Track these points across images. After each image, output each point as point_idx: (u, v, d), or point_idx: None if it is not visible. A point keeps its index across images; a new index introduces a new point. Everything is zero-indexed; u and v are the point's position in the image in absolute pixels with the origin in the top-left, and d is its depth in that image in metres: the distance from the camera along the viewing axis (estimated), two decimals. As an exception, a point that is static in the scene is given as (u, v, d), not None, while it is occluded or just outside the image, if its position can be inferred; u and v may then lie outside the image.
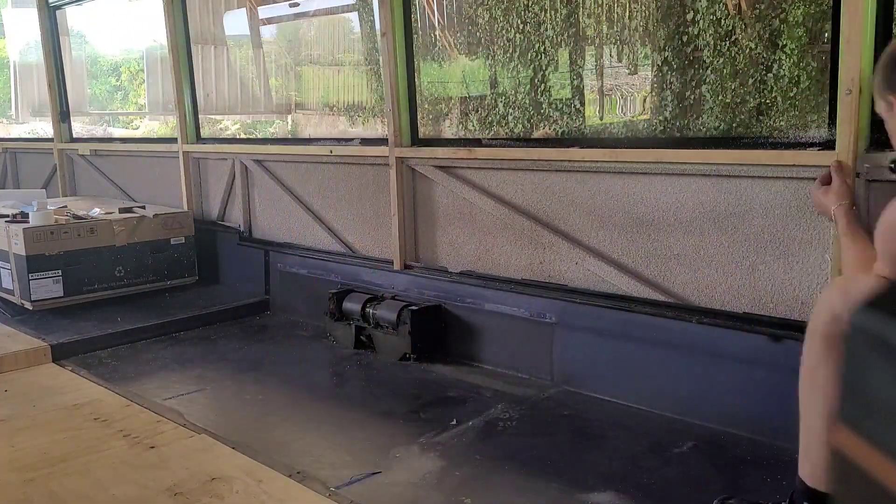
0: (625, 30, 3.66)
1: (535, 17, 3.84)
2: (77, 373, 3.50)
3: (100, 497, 2.31)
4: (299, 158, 4.43)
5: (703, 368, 2.79)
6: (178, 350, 3.87)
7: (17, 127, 8.81)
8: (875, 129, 2.38)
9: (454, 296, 3.59)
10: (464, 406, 3.01)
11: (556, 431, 2.78)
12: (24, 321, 4.16)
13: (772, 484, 2.32)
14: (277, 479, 2.36)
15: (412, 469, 2.49)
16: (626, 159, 2.99)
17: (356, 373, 3.50)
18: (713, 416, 2.72)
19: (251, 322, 4.37)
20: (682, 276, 2.91)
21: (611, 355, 3.04)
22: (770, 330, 2.63)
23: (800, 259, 2.60)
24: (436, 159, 3.67)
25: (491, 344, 3.46)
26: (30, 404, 3.10)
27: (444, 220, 3.72)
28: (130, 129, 8.09)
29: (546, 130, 3.92)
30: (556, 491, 2.33)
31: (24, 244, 4.17)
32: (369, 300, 3.73)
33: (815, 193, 2.33)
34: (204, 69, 6.53)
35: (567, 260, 3.24)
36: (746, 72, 3.16)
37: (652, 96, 3.60)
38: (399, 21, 3.67)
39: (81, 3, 6.33)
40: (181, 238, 4.78)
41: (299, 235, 4.51)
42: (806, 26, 3.01)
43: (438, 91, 4.43)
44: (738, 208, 2.73)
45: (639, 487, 2.33)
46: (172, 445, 2.65)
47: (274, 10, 6.26)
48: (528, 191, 3.36)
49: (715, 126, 3.29)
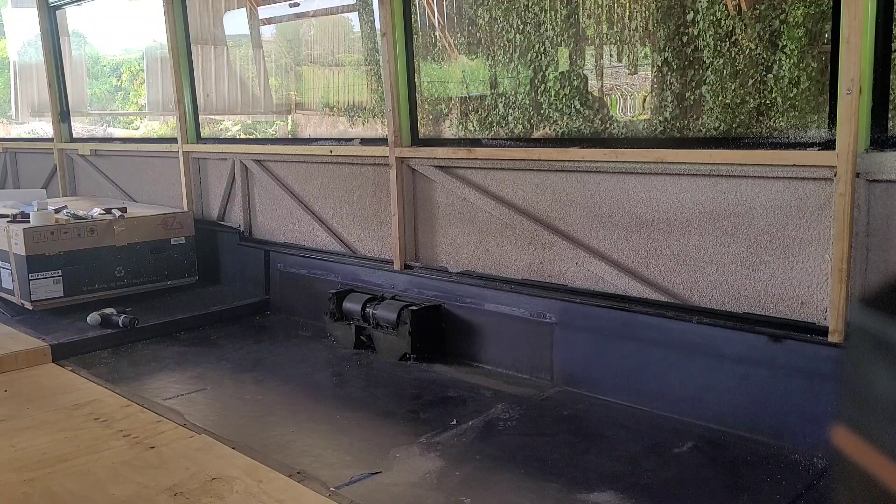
0: (625, 30, 3.66)
1: (535, 17, 3.84)
2: (77, 373, 3.50)
3: (100, 497, 2.31)
4: (299, 158, 4.43)
5: (703, 368, 2.79)
6: (178, 350, 3.87)
7: (17, 127, 8.81)
8: (875, 129, 2.38)
9: (454, 296, 3.59)
10: (464, 406, 3.01)
11: (556, 431, 2.78)
12: (24, 321, 4.16)
13: (772, 484, 2.32)
14: (277, 479, 2.36)
15: (412, 469, 2.49)
16: (626, 159, 2.99)
17: (356, 373, 3.50)
18: (713, 416, 2.72)
19: (251, 322, 4.37)
20: (682, 276, 2.91)
21: (611, 355, 3.04)
22: (770, 330, 2.62)
23: (800, 259, 2.60)
24: (436, 159, 3.67)
25: (491, 344, 3.46)
26: (30, 404, 3.10)
27: (444, 220, 3.72)
28: (131, 130, 8.09)
29: (546, 130, 3.92)
30: (556, 491, 2.33)
31: (25, 244, 4.17)
32: (369, 300, 3.73)
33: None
34: (204, 69, 6.52)
35: (567, 260, 3.23)
36: (746, 72, 3.16)
37: (652, 96, 3.60)
38: (399, 21, 3.67)
39: (81, 3, 6.33)
40: (181, 238, 4.78)
41: (299, 235, 4.51)
42: (806, 27, 3.01)
43: (438, 91, 4.43)
44: (738, 208, 2.73)
45: (639, 487, 2.33)
46: (172, 445, 2.64)
47: (274, 10, 6.27)
48: (528, 191, 3.36)
49: (715, 126, 3.29)
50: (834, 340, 2.47)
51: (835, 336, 2.47)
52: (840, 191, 2.39)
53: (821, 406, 2.44)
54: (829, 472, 2.30)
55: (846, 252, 2.41)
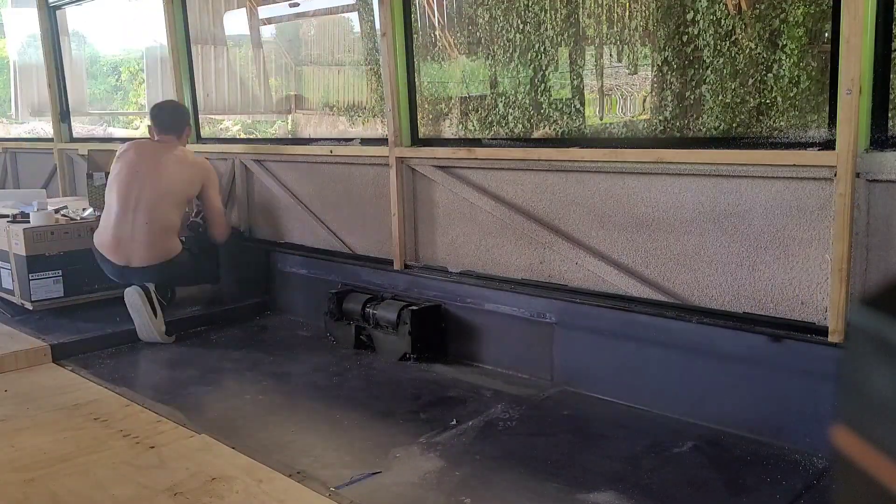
0: (625, 30, 3.66)
1: (535, 17, 3.84)
2: (77, 373, 3.50)
3: (100, 497, 2.31)
4: (299, 158, 4.43)
5: (703, 368, 2.79)
6: (177, 350, 3.87)
7: (16, 127, 8.80)
8: (875, 129, 2.38)
9: (454, 296, 3.59)
10: (464, 406, 3.01)
11: (556, 431, 2.78)
12: (24, 321, 4.16)
13: (772, 484, 2.32)
14: (277, 479, 2.36)
15: (412, 469, 2.49)
16: (626, 159, 2.99)
17: (356, 373, 3.50)
18: (713, 416, 2.72)
19: (251, 322, 4.36)
20: (682, 276, 2.91)
21: (611, 355, 3.04)
22: (770, 330, 2.62)
23: (800, 259, 2.60)
24: (436, 159, 3.67)
25: (491, 344, 3.46)
26: (30, 404, 3.10)
27: (443, 220, 3.72)
28: (130, 129, 8.09)
29: (546, 130, 3.92)
30: (556, 491, 2.33)
31: (25, 244, 4.17)
32: (369, 300, 3.73)
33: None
34: (204, 69, 6.51)
35: (567, 260, 3.23)
36: (746, 72, 3.16)
37: (652, 96, 3.60)
38: (399, 21, 3.67)
39: (81, 3, 6.33)
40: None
41: (299, 235, 4.51)
42: (806, 26, 3.01)
43: (438, 91, 4.43)
44: (738, 208, 2.73)
45: (639, 487, 2.33)
46: (172, 445, 2.64)
47: (274, 10, 6.26)
48: (528, 191, 3.36)
49: (715, 126, 3.29)
50: (834, 340, 2.47)
51: (835, 336, 2.47)
52: (840, 191, 2.39)
53: (821, 406, 2.44)
54: (829, 472, 2.30)
55: (846, 252, 2.41)
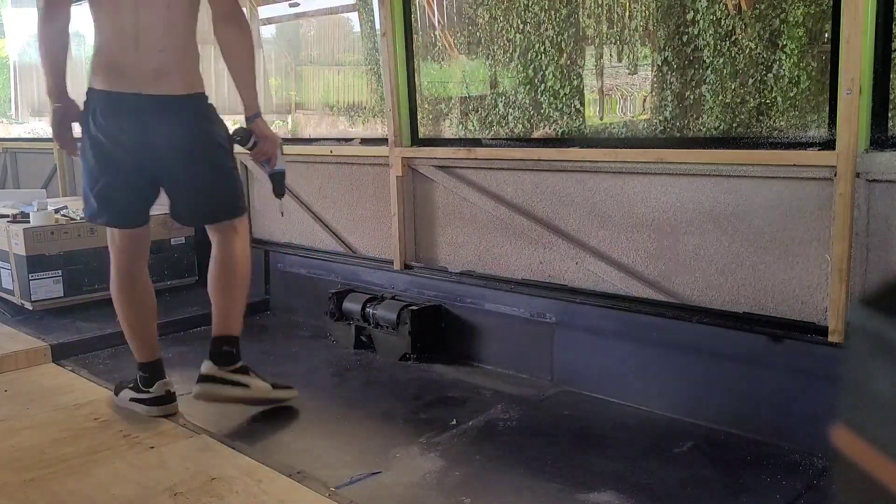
0: (625, 30, 3.66)
1: (535, 17, 3.84)
2: (77, 373, 3.50)
3: (100, 497, 2.31)
4: (299, 158, 4.43)
5: (703, 368, 2.79)
6: (177, 350, 3.87)
7: (16, 127, 8.80)
8: (875, 129, 2.38)
9: (454, 296, 3.59)
10: (464, 406, 3.01)
11: (556, 431, 2.78)
12: (24, 321, 4.16)
13: (772, 484, 2.32)
14: (277, 479, 2.36)
15: (412, 469, 2.49)
16: (626, 159, 2.99)
17: (356, 373, 3.50)
18: (713, 416, 2.72)
19: (251, 322, 4.34)
20: (682, 276, 2.91)
21: (611, 355, 3.04)
22: (770, 330, 2.62)
23: (800, 259, 2.60)
24: (436, 159, 3.67)
25: (491, 344, 3.46)
26: (30, 404, 3.10)
27: (444, 220, 3.72)
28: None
29: (546, 130, 3.92)
30: (556, 491, 2.33)
31: (24, 244, 4.17)
32: (369, 300, 3.73)
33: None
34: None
35: (567, 260, 3.23)
36: (746, 72, 3.16)
37: (652, 96, 3.61)
38: (399, 21, 3.67)
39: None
40: (181, 238, 4.77)
41: (299, 235, 4.51)
42: (806, 26, 3.01)
43: (438, 91, 4.43)
44: (738, 208, 2.73)
45: (639, 487, 2.33)
46: (172, 445, 2.64)
47: (274, 10, 6.25)
48: (528, 191, 3.36)
49: (715, 126, 3.29)
50: (834, 340, 2.47)
51: (835, 336, 2.47)
52: (840, 191, 2.39)
53: (821, 406, 2.44)
54: (829, 472, 2.30)
55: (846, 252, 2.41)
